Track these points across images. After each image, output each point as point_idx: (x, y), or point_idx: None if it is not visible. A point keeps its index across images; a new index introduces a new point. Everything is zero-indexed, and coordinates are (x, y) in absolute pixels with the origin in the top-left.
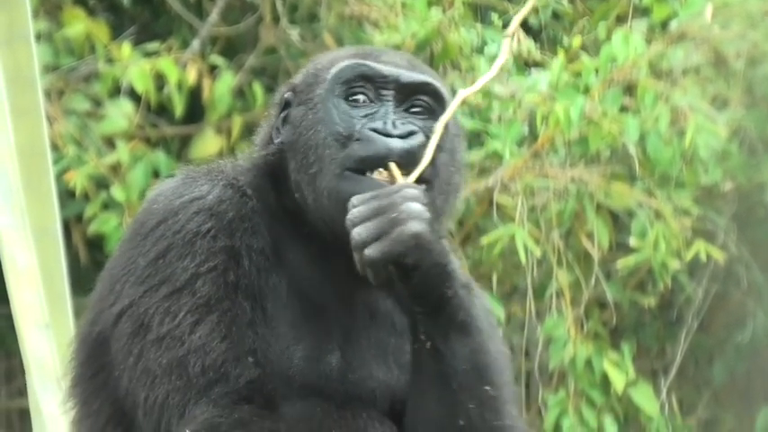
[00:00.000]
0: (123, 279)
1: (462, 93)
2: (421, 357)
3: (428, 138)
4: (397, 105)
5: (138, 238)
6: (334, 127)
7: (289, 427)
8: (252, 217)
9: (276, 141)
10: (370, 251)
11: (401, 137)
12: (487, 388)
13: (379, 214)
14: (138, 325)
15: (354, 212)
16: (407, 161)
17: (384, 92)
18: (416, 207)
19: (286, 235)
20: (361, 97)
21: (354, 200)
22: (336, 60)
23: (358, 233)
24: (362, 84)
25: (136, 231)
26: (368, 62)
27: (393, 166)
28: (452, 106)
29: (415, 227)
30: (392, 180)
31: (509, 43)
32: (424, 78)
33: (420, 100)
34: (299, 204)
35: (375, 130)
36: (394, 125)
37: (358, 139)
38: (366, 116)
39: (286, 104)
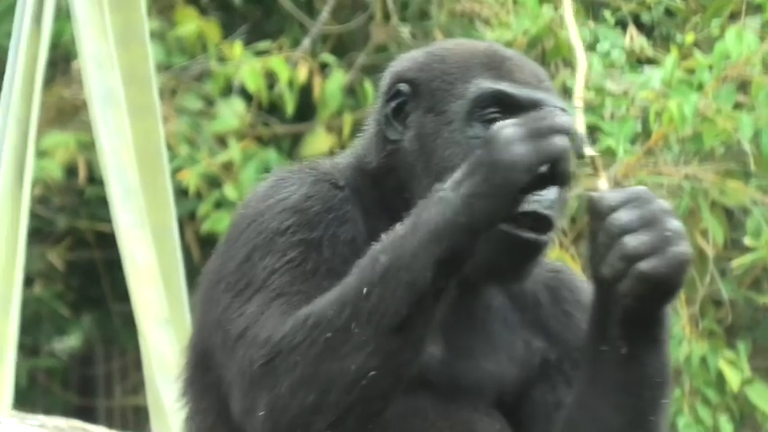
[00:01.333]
0: (217, 285)
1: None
2: (607, 361)
3: None
4: None
5: (229, 242)
6: (471, 153)
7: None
8: (343, 207)
9: (392, 138)
10: (646, 265)
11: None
12: (666, 401)
13: (648, 226)
14: (227, 330)
15: (622, 218)
16: (556, 212)
17: (517, 114)
18: (679, 226)
19: (384, 229)
20: (496, 119)
21: (612, 201)
22: (469, 67)
23: (632, 245)
24: (501, 108)
25: (228, 236)
26: (509, 90)
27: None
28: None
29: (685, 250)
30: None
31: (581, 115)
32: (558, 103)
33: None
34: (408, 209)
35: None
36: None
37: None
38: None
39: (397, 94)
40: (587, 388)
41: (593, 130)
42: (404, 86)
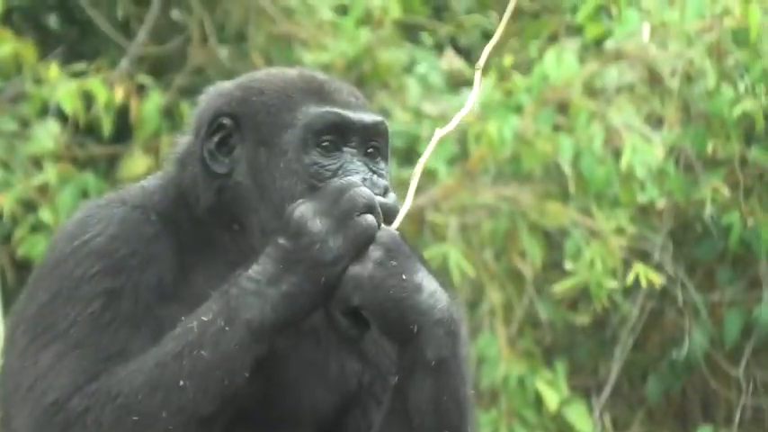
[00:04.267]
0: (17, 327)
1: (438, 133)
2: (390, 391)
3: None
4: (359, 150)
5: (35, 284)
6: (310, 181)
7: None
8: (150, 247)
9: (219, 171)
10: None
11: (381, 195)
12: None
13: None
14: (20, 378)
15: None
16: (389, 219)
17: (350, 137)
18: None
19: (203, 261)
20: (330, 146)
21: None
22: (290, 96)
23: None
24: (333, 133)
25: (35, 277)
26: (335, 109)
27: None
28: (430, 147)
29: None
30: None
31: (480, 76)
32: (380, 119)
33: (375, 141)
34: (236, 241)
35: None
36: (372, 181)
37: None
38: (339, 168)
39: (219, 128)
40: (383, 417)
41: (410, 153)
42: (226, 120)
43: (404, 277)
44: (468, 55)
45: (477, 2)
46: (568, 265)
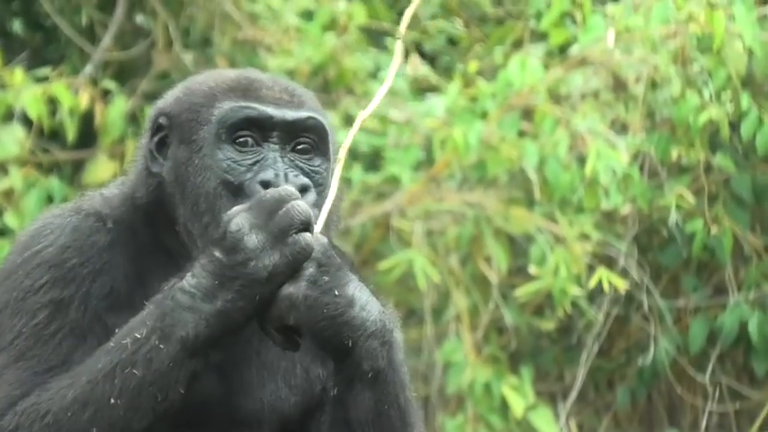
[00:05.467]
0: None
1: (362, 114)
2: (330, 403)
3: (316, 185)
4: (283, 147)
5: None
6: (224, 176)
7: None
8: (102, 256)
9: (154, 171)
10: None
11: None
12: None
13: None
14: None
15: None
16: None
17: (270, 133)
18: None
19: (158, 267)
20: (248, 140)
21: None
22: (215, 94)
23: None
24: (249, 127)
25: None
26: (253, 104)
27: None
28: (352, 131)
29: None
30: None
31: (401, 45)
32: (309, 114)
33: (305, 137)
34: (181, 242)
35: (267, 184)
36: (286, 177)
37: (249, 195)
38: (255, 163)
39: (159, 128)
40: (327, 426)
41: (376, 159)
42: (163, 120)
43: (336, 293)
44: (434, 61)
45: (441, 8)
46: (533, 271)
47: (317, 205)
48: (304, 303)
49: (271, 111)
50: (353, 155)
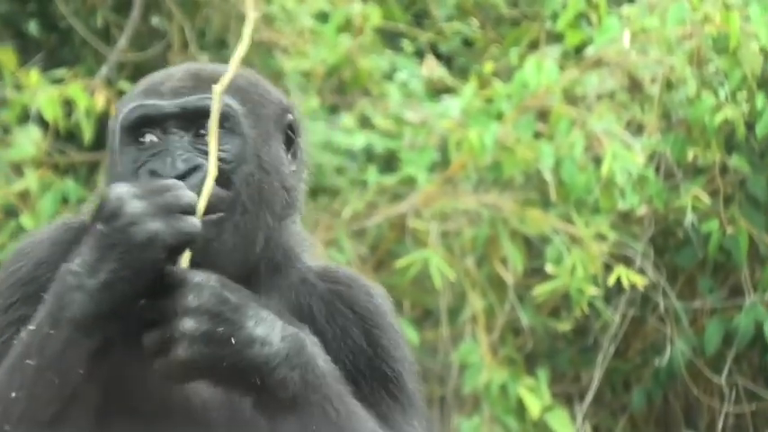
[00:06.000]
0: None
1: (217, 86)
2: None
3: (222, 163)
4: (182, 136)
5: None
6: (125, 178)
7: None
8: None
9: None
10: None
11: (181, 176)
12: None
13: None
14: None
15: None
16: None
17: (167, 125)
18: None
19: None
20: (149, 138)
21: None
22: (124, 99)
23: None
24: (146, 125)
25: None
26: (148, 101)
27: None
28: (214, 109)
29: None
30: None
31: (251, 23)
32: (199, 96)
33: (205, 121)
34: None
35: (154, 173)
36: (173, 164)
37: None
38: (153, 155)
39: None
40: None
41: (391, 160)
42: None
43: (233, 341)
44: (449, 62)
45: (457, 9)
46: (550, 269)
47: (223, 185)
48: (201, 362)
49: (163, 103)
50: (369, 156)
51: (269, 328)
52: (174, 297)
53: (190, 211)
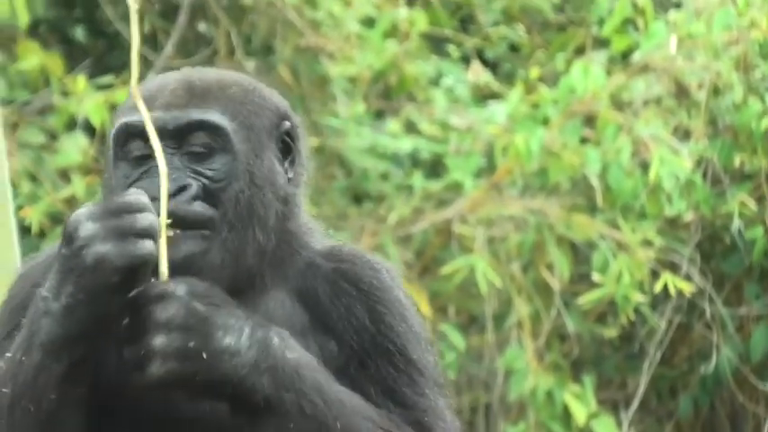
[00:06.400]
0: None
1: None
2: None
3: (211, 182)
4: (172, 153)
5: None
6: (117, 193)
7: None
8: None
9: None
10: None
11: (170, 196)
12: None
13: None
14: None
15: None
16: (178, 222)
17: (161, 141)
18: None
19: None
20: (137, 153)
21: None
22: (119, 111)
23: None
24: (136, 139)
25: None
26: (134, 118)
27: None
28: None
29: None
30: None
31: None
32: (196, 117)
33: (197, 139)
34: None
35: (144, 191)
36: (172, 180)
37: None
38: (144, 172)
39: None
40: None
41: (437, 165)
42: None
43: (204, 356)
44: (495, 68)
45: (503, 14)
46: (596, 278)
47: (211, 203)
48: (175, 377)
49: (155, 116)
50: (414, 161)
51: (237, 336)
52: (146, 312)
53: (146, 233)
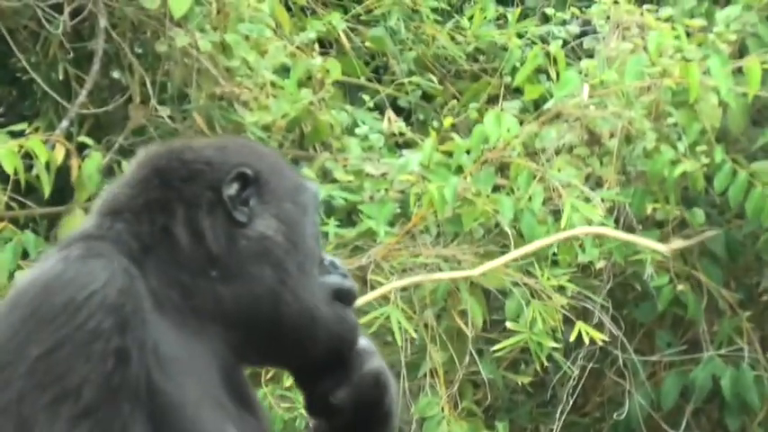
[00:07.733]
0: (13, 365)
1: None
2: None
3: None
4: None
5: (32, 322)
6: (315, 251)
7: None
8: (143, 308)
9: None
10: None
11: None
12: None
13: None
14: (19, 425)
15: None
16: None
17: None
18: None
19: (168, 328)
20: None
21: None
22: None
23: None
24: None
25: (30, 314)
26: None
27: None
28: None
29: None
30: None
31: None
32: None
33: None
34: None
35: (332, 264)
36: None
37: (329, 272)
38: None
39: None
40: None
41: (351, 213)
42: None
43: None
44: (409, 116)
45: (417, 64)
46: (509, 325)
47: None
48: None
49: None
50: (329, 209)
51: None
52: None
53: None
